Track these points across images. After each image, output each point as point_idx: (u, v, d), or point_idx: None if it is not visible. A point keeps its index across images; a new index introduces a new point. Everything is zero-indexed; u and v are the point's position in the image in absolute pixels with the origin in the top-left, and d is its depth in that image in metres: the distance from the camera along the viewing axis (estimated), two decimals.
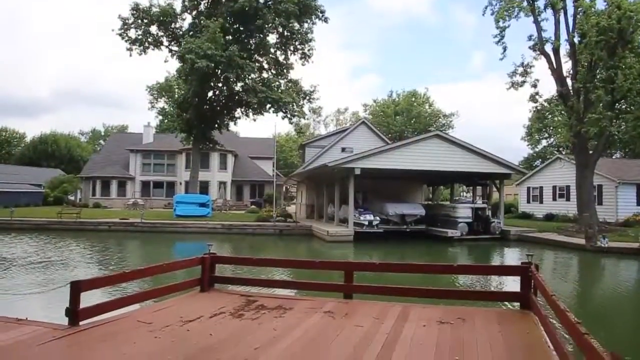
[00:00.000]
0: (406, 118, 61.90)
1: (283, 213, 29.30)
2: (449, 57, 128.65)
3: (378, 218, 22.74)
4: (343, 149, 32.08)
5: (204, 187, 38.77)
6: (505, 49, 25.04)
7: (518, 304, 6.27)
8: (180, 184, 41.51)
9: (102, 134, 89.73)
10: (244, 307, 6.18)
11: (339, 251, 19.18)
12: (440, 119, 64.59)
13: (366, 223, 22.27)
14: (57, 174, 53.14)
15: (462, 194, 50.96)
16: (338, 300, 6.62)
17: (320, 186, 28.91)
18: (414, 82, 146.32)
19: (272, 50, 30.96)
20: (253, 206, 38.17)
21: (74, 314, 5.20)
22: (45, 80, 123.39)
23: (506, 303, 7.74)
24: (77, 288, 5.23)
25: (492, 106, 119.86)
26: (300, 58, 31.44)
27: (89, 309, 5.45)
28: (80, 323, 5.20)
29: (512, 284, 9.64)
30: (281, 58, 31.46)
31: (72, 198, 45.28)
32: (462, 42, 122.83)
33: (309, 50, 31.19)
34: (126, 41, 29.33)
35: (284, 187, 47.52)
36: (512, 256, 19.39)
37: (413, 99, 64.56)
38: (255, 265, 10.17)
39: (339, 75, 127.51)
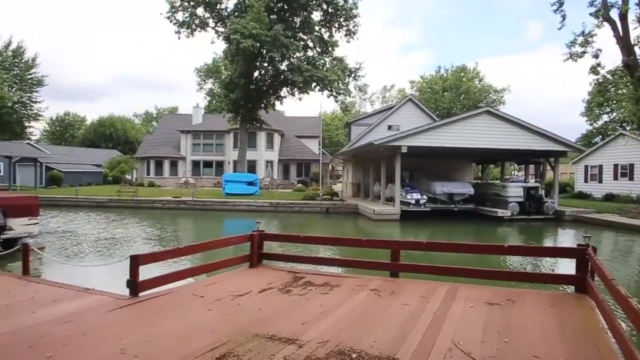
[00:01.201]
0: (455, 94, 59.85)
1: (329, 191, 29.47)
2: (502, 29, 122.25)
3: (425, 197, 22.39)
4: (389, 127, 31.60)
5: (252, 166, 39.59)
6: (564, 17, 23.46)
7: (573, 287, 6.05)
8: (229, 163, 42.61)
9: (155, 115, 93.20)
10: (291, 284, 6.36)
11: (385, 230, 19.13)
12: (490, 95, 61.94)
13: (413, 202, 22.00)
14: (115, 154, 56.06)
15: (513, 172, 49.01)
16: (384, 278, 6.65)
17: (366, 164, 28.75)
18: (463, 56, 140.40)
19: (316, 28, 30.67)
20: (299, 185, 38.63)
21: (134, 285, 5.57)
22: (104, 67, 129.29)
23: (560, 286, 7.48)
24: (136, 262, 5.59)
25: (547, 80, 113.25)
26: (345, 35, 30.99)
27: (147, 282, 5.81)
28: (140, 294, 5.57)
29: (566, 266, 9.28)
30: (326, 35, 31.13)
31: (129, 177, 47.67)
32: (516, 12, 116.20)
33: (354, 26, 30.66)
34: (174, 24, 30.03)
35: (330, 166, 47.64)
36: (566, 238, 18.57)
37: (462, 74, 62.20)
38: (302, 242, 10.36)
39: (385, 52, 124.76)
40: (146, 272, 5.96)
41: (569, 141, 22.81)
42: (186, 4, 29.60)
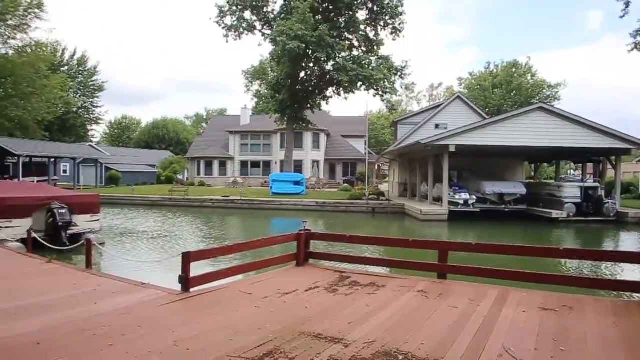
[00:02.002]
0: (505, 91, 57.59)
1: (375, 191, 29.26)
2: (557, 21, 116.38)
3: (474, 197, 21.75)
4: (437, 126, 30.94)
5: (298, 166, 40.00)
6: (627, 4, 21.97)
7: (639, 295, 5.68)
8: (276, 163, 43.30)
9: (204, 117, 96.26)
10: (337, 283, 6.38)
11: (432, 230, 18.76)
12: (544, 90, 59.09)
13: (461, 202, 21.44)
14: (167, 155, 58.46)
15: (569, 171, 46.53)
16: (432, 280, 6.53)
17: (413, 164, 28.31)
18: (514, 51, 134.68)
19: (361, 27, 30.53)
20: (345, 184, 38.62)
21: (186, 281, 5.80)
22: (158, 72, 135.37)
23: (623, 293, 7.02)
24: (187, 259, 5.82)
25: (609, 73, 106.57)
26: (391, 33, 30.64)
27: (198, 278, 6.03)
28: (191, 290, 5.79)
29: (629, 272, 8.73)
30: (371, 34, 30.93)
31: (180, 177, 49.54)
32: (572, 1, 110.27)
33: (399, 24, 30.25)
34: (223, 28, 30.87)
35: (376, 165, 47.29)
36: (630, 241, 17.43)
37: (513, 69, 59.71)
38: (348, 242, 10.36)
39: (433, 49, 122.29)
40: (197, 269, 6.19)
41: (632, 137, 21.33)
42: (234, 8, 30.34)
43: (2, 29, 36.92)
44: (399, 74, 30.87)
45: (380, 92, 29.82)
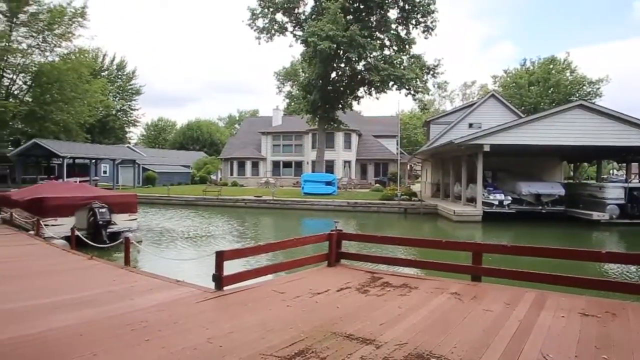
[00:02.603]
0: (542, 88, 55.67)
1: (407, 191, 28.95)
2: (598, 13, 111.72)
3: (509, 197, 21.16)
4: (470, 125, 30.29)
5: (330, 166, 40.03)
6: None
7: None
8: (307, 163, 43.49)
9: (237, 118, 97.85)
10: (369, 283, 6.35)
11: (465, 231, 18.39)
12: (584, 87, 56.76)
13: (496, 203, 20.91)
14: (201, 156, 59.72)
15: (612, 171, 44.56)
16: (465, 282, 6.41)
17: (446, 164, 27.83)
18: (552, 47, 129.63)
19: (393, 26, 30.23)
20: (377, 185, 38.38)
21: (219, 279, 5.91)
22: (192, 75, 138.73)
23: None
24: (221, 257, 5.93)
25: None
26: (423, 31, 30.22)
27: (231, 276, 6.13)
28: (224, 288, 5.90)
29: None
30: (403, 33, 30.60)
31: (214, 177, 50.51)
32: None
33: (432, 22, 29.80)
34: (255, 30, 31.25)
35: (408, 165, 46.77)
36: None
37: (551, 66, 57.63)
38: (380, 242, 10.31)
39: (466, 47, 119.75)
40: (230, 267, 6.30)
41: None
42: (266, 10, 30.68)
43: (49, 37, 38.81)
44: (431, 73, 30.43)
45: (412, 92, 29.47)
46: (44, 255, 9.20)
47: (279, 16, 31.19)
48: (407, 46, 30.53)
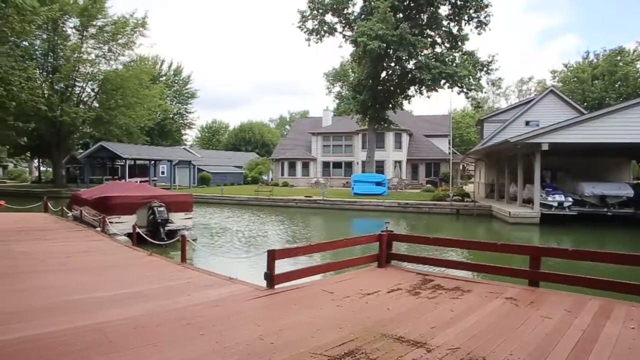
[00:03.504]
0: (607, 82, 52.04)
1: (460, 192, 28.16)
2: None
3: (570, 199, 20.00)
4: (527, 123, 28.97)
5: (380, 166, 39.72)
6: None
7: None
8: (357, 163, 43.39)
9: (288, 119, 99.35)
10: (420, 286, 6.24)
11: (522, 234, 17.60)
12: None
13: (555, 204, 19.83)
14: (253, 157, 61.16)
15: None
16: (522, 287, 6.14)
17: (500, 164, 26.78)
18: (619, 38, 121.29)
19: (444, 22, 29.49)
20: (428, 185, 37.61)
21: (271, 278, 6.03)
22: (245, 77, 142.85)
23: None
24: (272, 256, 6.05)
25: None
26: (476, 27, 29.24)
27: (282, 275, 6.24)
28: (275, 286, 6.01)
29: None
30: (454, 30, 29.77)
31: (265, 178, 51.56)
32: None
33: (485, 17, 28.77)
34: (305, 32, 31.57)
35: (460, 165, 45.51)
36: None
37: (618, 57, 53.65)
38: (431, 244, 10.10)
39: (522, 41, 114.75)
40: (281, 266, 6.41)
41: None
42: (315, 12, 30.90)
43: (114, 47, 41.43)
44: (484, 69, 29.38)
45: (465, 90, 28.62)
46: (108, 251, 9.79)
47: (328, 17, 31.34)
48: (459, 43, 29.69)
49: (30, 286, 6.33)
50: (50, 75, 38.90)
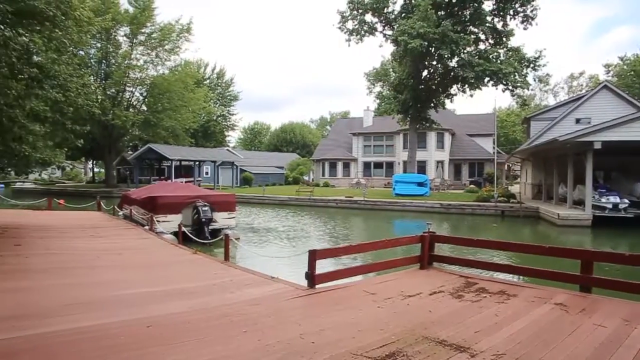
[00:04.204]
0: None
1: (505, 193, 27.26)
2: None
3: (626, 200, 18.89)
4: (577, 120, 27.64)
5: (422, 167, 39.13)
6: None
7: None
8: (399, 163, 42.92)
9: (328, 120, 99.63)
10: (463, 288, 6.11)
11: (571, 237, 16.82)
12: None
13: (609, 206, 18.78)
14: (294, 157, 61.74)
15: None
16: (572, 292, 5.87)
17: (548, 163, 25.69)
18: None
19: (488, 18, 28.61)
20: (472, 185, 36.66)
21: (312, 277, 6.08)
22: (286, 79, 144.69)
23: None
24: (313, 256, 6.09)
25: None
26: (522, 22, 28.18)
27: (323, 275, 6.27)
28: (316, 286, 6.05)
29: None
30: (499, 25, 28.81)
31: (306, 178, 51.92)
32: None
33: (532, 11, 27.67)
34: (344, 33, 31.54)
35: (505, 165, 44.02)
36: None
37: None
38: (475, 246, 9.82)
39: (572, 35, 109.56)
40: (322, 266, 6.45)
41: None
42: (355, 12, 30.81)
43: (161, 53, 43.14)
44: (531, 65, 28.23)
45: (510, 87, 27.65)
46: (156, 249, 10.19)
47: (368, 17, 31.16)
48: (504, 39, 28.71)
49: (85, 281, 6.70)
50: (103, 81, 40.96)
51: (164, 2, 59.00)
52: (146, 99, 44.84)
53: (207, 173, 49.72)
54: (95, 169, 64.13)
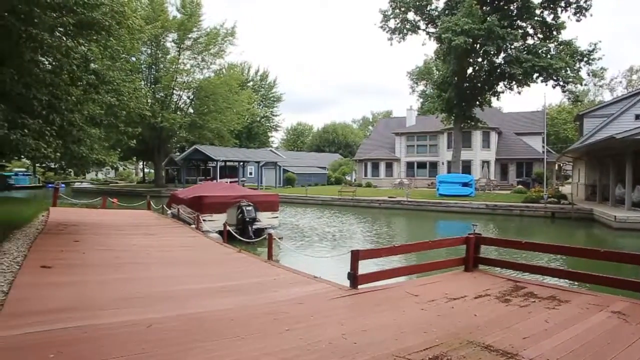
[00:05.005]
0: None
1: (555, 193, 26.09)
2: None
3: None
4: (637, 116, 25.97)
5: (466, 167, 38.17)
6: None
7: None
8: (443, 163, 42.05)
9: (370, 120, 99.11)
10: (510, 292, 5.92)
11: (630, 241, 15.83)
12: None
13: None
14: (337, 157, 61.84)
15: None
16: (632, 300, 5.54)
17: (604, 163, 24.32)
18: None
19: (537, 12, 27.46)
20: (520, 186, 35.32)
21: (354, 278, 6.08)
22: (328, 79, 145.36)
23: None
24: (356, 256, 6.09)
25: None
26: (574, 14, 26.83)
27: (366, 275, 6.26)
28: (359, 286, 6.04)
29: None
30: (549, 18, 27.58)
31: (349, 178, 51.87)
32: None
33: (585, 1, 26.31)
34: (387, 32, 31.25)
35: (556, 165, 42.12)
36: None
37: None
38: (523, 249, 9.46)
39: (632, 25, 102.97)
40: (364, 267, 6.43)
41: None
42: (397, 10, 30.47)
43: (206, 57, 44.50)
44: (584, 59, 26.82)
45: (561, 83, 26.42)
46: (202, 247, 10.50)
47: (411, 15, 30.74)
48: (554, 32, 27.45)
49: (136, 276, 7.01)
50: (153, 86, 42.73)
51: (207, 6, 60.73)
52: (193, 102, 46.36)
53: (251, 173, 50.72)
54: (145, 170, 66.94)
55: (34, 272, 6.60)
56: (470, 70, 30.17)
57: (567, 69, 25.81)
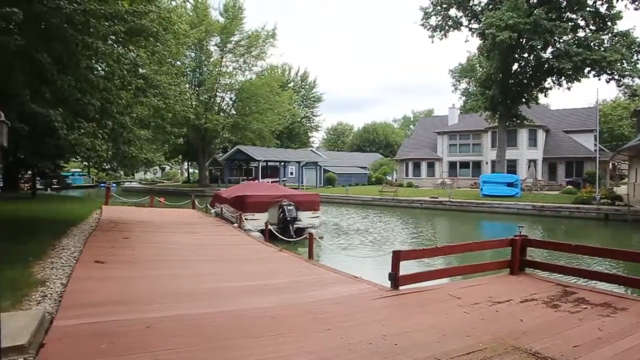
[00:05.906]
0: None
1: (609, 194, 24.72)
2: None
3: None
4: None
5: (512, 166, 36.87)
6: None
7: None
8: (487, 163, 40.85)
9: (411, 119, 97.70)
10: (559, 298, 5.69)
11: None
12: None
13: None
14: (377, 157, 61.38)
15: None
16: None
17: None
18: None
19: (589, 2, 26.08)
20: (569, 186, 33.73)
21: (395, 278, 6.04)
22: (369, 79, 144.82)
23: None
24: (397, 257, 6.05)
25: None
26: (632, 2, 25.27)
27: (407, 276, 6.20)
28: (400, 287, 5.99)
29: None
30: (602, 9, 26.11)
31: (390, 178, 51.35)
32: None
33: None
34: (428, 29, 30.71)
35: (609, 164, 39.93)
36: None
37: None
38: (572, 252, 9.06)
39: None
40: (405, 267, 6.37)
41: None
42: (439, 7, 29.87)
43: (248, 59, 45.46)
44: None
45: (617, 76, 24.98)
46: (244, 245, 10.74)
47: (453, 11, 30.07)
48: (608, 23, 25.96)
49: (181, 273, 7.27)
50: (197, 88, 44.04)
51: (248, 8, 61.93)
52: (235, 103, 47.41)
53: (291, 173, 51.22)
54: (190, 170, 69.07)
55: (89, 266, 6.98)
56: (515, 67, 29.12)
57: (624, 61, 24.42)
